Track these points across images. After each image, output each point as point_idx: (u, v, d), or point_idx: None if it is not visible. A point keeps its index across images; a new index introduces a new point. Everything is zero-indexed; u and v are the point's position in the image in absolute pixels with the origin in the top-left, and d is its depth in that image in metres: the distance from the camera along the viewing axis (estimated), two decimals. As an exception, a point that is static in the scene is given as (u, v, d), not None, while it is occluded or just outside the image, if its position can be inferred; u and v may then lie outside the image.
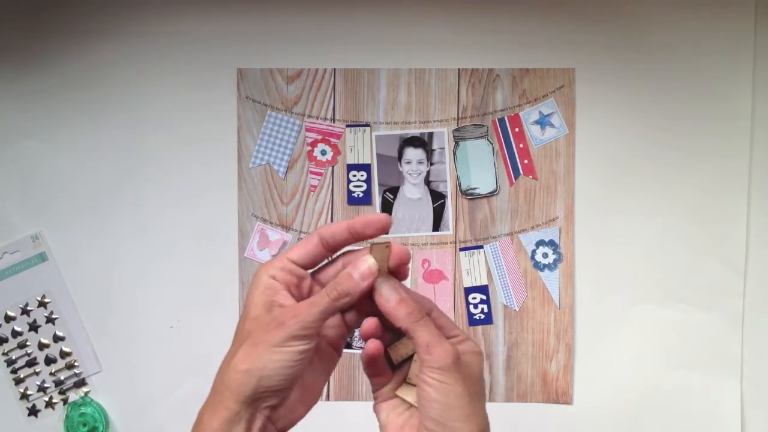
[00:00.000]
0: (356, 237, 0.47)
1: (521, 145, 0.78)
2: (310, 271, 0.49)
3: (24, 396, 0.79)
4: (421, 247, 0.79)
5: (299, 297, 0.47)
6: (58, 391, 0.79)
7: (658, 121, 0.77)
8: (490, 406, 0.80)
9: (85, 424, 0.78)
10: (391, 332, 0.49)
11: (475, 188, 0.78)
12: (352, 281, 0.46)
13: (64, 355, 0.79)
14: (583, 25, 0.77)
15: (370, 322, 0.47)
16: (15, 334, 0.79)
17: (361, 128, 0.78)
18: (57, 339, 0.79)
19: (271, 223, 0.79)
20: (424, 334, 0.45)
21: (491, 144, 0.78)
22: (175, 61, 0.78)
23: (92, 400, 0.79)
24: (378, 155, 0.79)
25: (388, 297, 0.46)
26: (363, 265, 0.46)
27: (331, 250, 0.48)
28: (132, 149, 0.78)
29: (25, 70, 0.78)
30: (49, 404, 0.79)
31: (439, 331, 0.46)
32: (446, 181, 0.79)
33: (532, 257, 0.78)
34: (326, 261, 0.49)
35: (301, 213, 0.79)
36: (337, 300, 0.45)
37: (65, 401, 0.79)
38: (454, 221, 0.79)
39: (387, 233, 0.48)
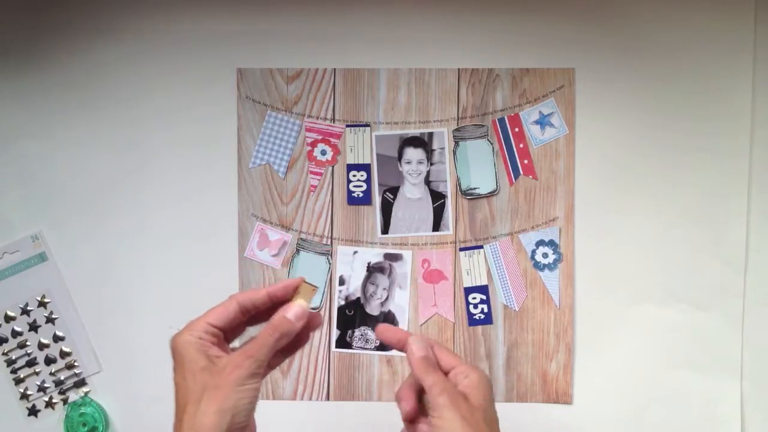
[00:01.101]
0: (275, 300, 0.55)
1: (521, 145, 0.78)
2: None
3: (24, 396, 0.79)
4: (421, 247, 0.79)
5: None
6: (58, 391, 0.79)
7: (658, 121, 0.77)
8: (490, 406, 0.80)
9: (85, 424, 0.78)
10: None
11: (475, 188, 0.78)
12: (289, 322, 0.53)
13: (64, 355, 0.79)
14: (583, 25, 0.77)
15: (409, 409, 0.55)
16: (15, 334, 0.79)
17: (361, 128, 0.78)
18: (57, 339, 0.79)
19: (271, 223, 0.79)
20: (429, 379, 0.53)
21: (491, 144, 0.78)
22: (174, 60, 0.78)
23: (92, 400, 0.79)
24: (378, 155, 0.79)
25: (415, 350, 0.54)
26: (296, 308, 0.54)
27: (247, 314, 0.54)
28: (132, 149, 0.78)
29: (24, 69, 0.78)
30: (49, 404, 0.79)
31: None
32: (446, 181, 0.79)
33: (532, 257, 0.78)
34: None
35: (301, 213, 0.79)
36: (279, 340, 0.52)
37: (65, 401, 0.79)
38: (454, 221, 0.79)
39: None
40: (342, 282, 0.79)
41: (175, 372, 0.52)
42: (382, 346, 0.79)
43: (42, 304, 0.79)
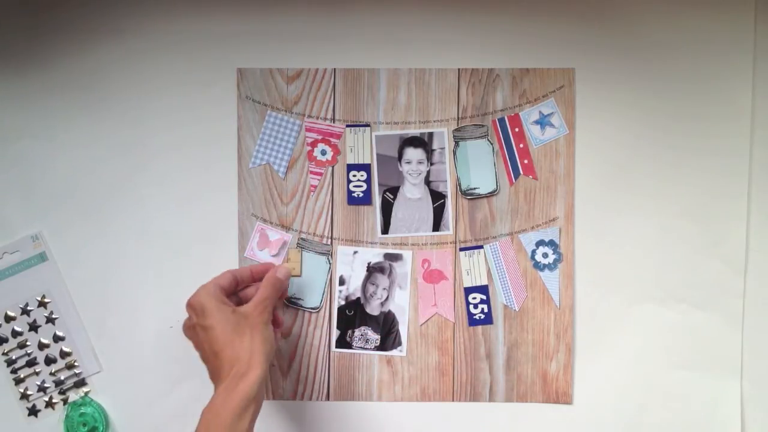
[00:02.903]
0: (256, 278, 0.72)
1: (521, 145, 0.78)
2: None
3: (24, 396, 0.79)
4: (421, 247, 0.79)
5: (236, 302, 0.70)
6: (58, 391, 0.79)
7: (659, 121, 0.77)
8: (490, 406, 0.81)
9: (85, 424, 0.78)
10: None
11: (475, 188, 0.78)
12: (279, 280, 0.71)
13: (64, 355, 0.79)
14: (583, 25, 0.77)
15: None
16: (15, 334, 0.79)
17: (361, 128, 0.78)
18: (57, 339, 0.79)
19: (271, 223, 0.79)
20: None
21: (491, 144, 0.78)
22: (174, 60, 0.78)
23: (92, 400, 0.79)
24: (378, 155, 0.79)
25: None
26: (283, 269, 0.73)
27: (238, 284, 0.71)
28: (132, 149, 0.78)
29: (24, 69, 0.78)
30: (49, 404, 0.79)
31: None
32: (446, 181, 0.79)
33: (532, 257, 0.78)
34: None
35: (301, 213, 0.79)
36: (275, 292, 0.69)
37: (65, 401, 0.79)
38: (454, 221, 0.79)
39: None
40: (342, 282, 0.79)
41: (203, 320, 0.64)
42: (382, 346, 0.79)
43: (42, 304, 0.79)
